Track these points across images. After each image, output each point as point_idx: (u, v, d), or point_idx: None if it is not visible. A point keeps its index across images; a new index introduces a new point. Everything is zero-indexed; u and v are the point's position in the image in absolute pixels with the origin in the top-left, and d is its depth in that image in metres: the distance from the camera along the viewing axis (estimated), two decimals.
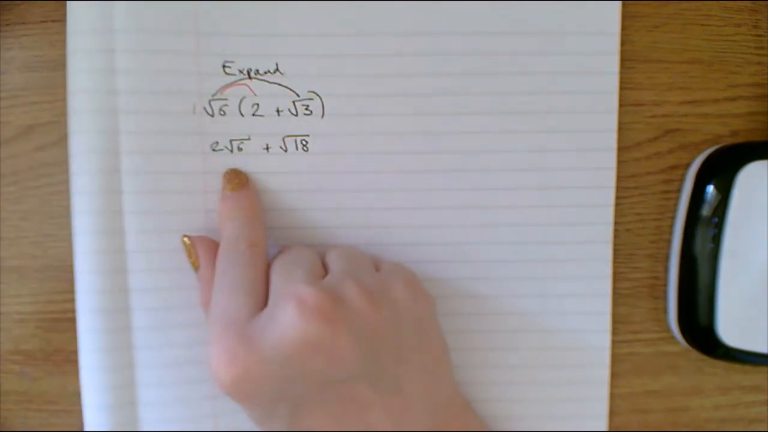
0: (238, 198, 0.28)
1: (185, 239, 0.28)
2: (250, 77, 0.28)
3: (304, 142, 0.29)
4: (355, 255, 0.27)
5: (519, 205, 0.30)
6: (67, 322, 0.30)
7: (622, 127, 0.30)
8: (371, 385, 0.24)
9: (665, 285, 0.31)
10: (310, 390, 0.24)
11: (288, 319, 0.23)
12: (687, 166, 0.30)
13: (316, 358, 0.23)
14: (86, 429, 0.29)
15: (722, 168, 0.29)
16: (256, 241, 0.27)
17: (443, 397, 0.27)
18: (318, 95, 0.28)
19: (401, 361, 0.25)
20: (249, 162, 0.29)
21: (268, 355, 0.23)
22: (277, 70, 0.28)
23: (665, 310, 0.31)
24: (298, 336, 0.23)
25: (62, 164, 0.29)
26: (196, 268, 0.27)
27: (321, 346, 0.23)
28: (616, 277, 0.31)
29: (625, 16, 0.29)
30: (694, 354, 0.31)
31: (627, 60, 0.29)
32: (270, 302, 0.25)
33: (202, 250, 0.27)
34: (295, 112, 0.29)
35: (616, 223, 0.30)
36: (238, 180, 0.28)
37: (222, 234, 0.27)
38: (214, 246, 0.27)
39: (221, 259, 0.26)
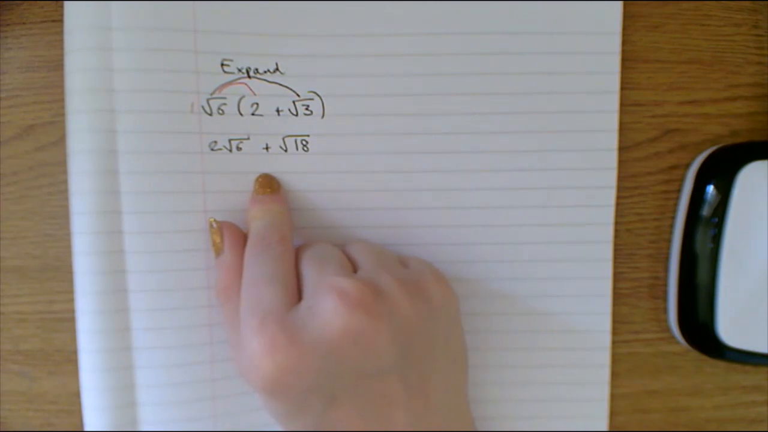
0: (269, 200, 0.28)
1: (212, 221, 0.28)
2: (249, 76, 0.28)
3: (304, 142, 0.29)
4: (380, 250, 0.27)
5: (519, 205, 0.30)
6: (67, 322, 0.30)
7: (622, 127, 0.30)
8: (401, 380, 0.24)
9: (665, 285, 0.31)
10: (345, 383, 0.23)
11: (330, 311, 0.23)
12: (687, 166, 0.30)
13: (356, 351, 0.23)
14: (86, 429, 0.29)
15: (722, 168, 0.29)
16: (286, 235, 0.27)
17: (456, 407, 0.27)
18: (318, 95, 0.28)
19: (430, 359, 0.25)
20: (248, 162, 0.29)
21: (310, 348, 0.23)
22: (277, 69, 0.28)
23: (665, 310, 0.31)
24: (341, 328, 0.23)
25: (62, 164, 0.29)
26: (218, 251, 0.27)
27: (361, 339, 0.23)
28: (616, 277, 0.31)
29: (625, 16, 0.29)
30: (694, 354, 0.31)
31: (627, 60, 0.29)
32: (306, 295, 0.24)
33: (228, 235, 0.27)
34: (295, 112, 0.29)
35: (616, 223, 0.30)
36: (270, 185, 0.28)
37: (250, 231, 0.27)
38: (240, 234, 0.27)
39: (251, 252, 0.26)
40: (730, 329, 0.29)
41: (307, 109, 0.29)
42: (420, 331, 0.24)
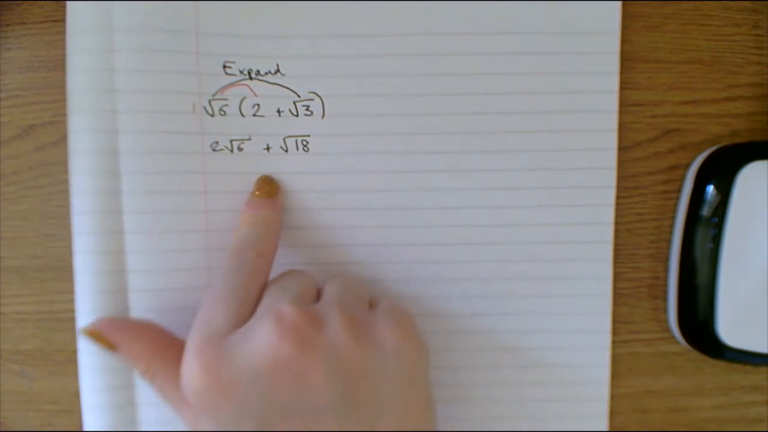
0: (264, 206, 0.28)
1: (83, 331, 0.26)
2: (250, 78, 0.28)
3: (304, 143, 0.29)
4: (351, 285, 0.27)
5: (519, 205, 0.30)
6: (67, 322, 0.30)
7: (622, 127, 0.30)
8: (338, 421, 0.23)
9: (665, 285, 0.31)
10: (275, 414, 0.22)
11: (263, 334, 0.23)
12: (687, 166, 0.30)
13: (285, 381, 0.22)
14: (86, 429, 0.29)
15: (722, 168, 0.29)
16: (264, 252, 0.27)
17: None
18: (318, 96, 0.28)
19: (378, 406, 0.24)
20: (249, 162, 0.29)
21: (239, 371, 0.22)
22: (278, 71, 0.28)
23: (665, 310, 0.31)
24: (270, 353, 0.22)
25: (62, 164, 0.29)
26: (113, 348, 0.25)
27: (290, 369, 0.22)
28: (617, 277, 0.31)
29: (625, 16, 0.29)
30: (694, 354, 0.31)
31: (627, 60, 0.29)
32: (254, 316, 0.24)
33: (110, 330, 0.26)
34: (295, 113, 0.29)
35: (616, 223, 0.30)
36: (269, 188, 0.28)
37: (235, 235, 0.27)
38: (116, 320, 0.26)
39: (226, 262, 0.26)
40: (730, 329, 0.29)
41: (307, 109, 0.29)
42: (363, 374, 0.23)
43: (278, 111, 0.28)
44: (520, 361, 0.31)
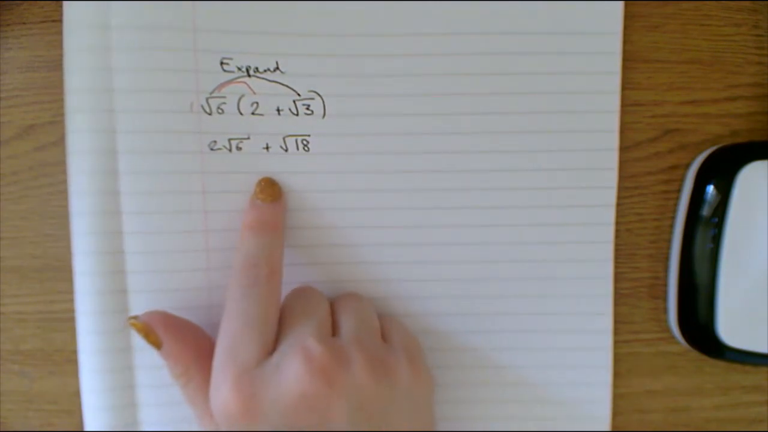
0: (268, 210, 0.28)
1: (133, 323, 0.26)
2: (249, 75, 0.28)
3: (305, 142, 0.29)
4: (364, 316, 0.28)
5: (520, 206, 0.30)
6: (67, 322, 0.30)
7: (622, 127, 0.30)
8: None
9: (665, 285, 0.31)
10: None
11: (293, 372, 0.24)
12: (687, 166, 0.30)
13: (309, 417, 0.23)
14: (86, 429, 0.29)
15: (722, 168, 0.29)
16: (276, 269, 0.27)
17: None
18: (319, 95, 0.28)
19: None
20: (248, 162, 0.29)
21: (271, 403, 0.23)
22: (277, 68, 0.28)
23: (665, 310, 0.31)
24: (299, 391, 0.23)
25: (62, 164, 0.29)
26: (158, 346, 0.26)
27: (316, 406, 0.23)
28: (617, 277, 0.31)
29: (625, 16, 0.29)
30: (694, 354, 0.31)
31: (627, 60, 0.29)
32: (279, 349, 0.25)
33: (160, 327, 0.26)
34: (295, 112, 0.28)
35: (616, 223, 0.30)
36: (272, 191, 0.28)
37: (241, 246, 0.27)
38: (166, 317, 0.27)
39: (239, 282, 0.26)
40: (730, 329, 0.29)
41: (307, 108, 0.29)
42: (378, 410, 0.25)
43: (278, 109, 0.28)
44: (520, 361, 0.31)
